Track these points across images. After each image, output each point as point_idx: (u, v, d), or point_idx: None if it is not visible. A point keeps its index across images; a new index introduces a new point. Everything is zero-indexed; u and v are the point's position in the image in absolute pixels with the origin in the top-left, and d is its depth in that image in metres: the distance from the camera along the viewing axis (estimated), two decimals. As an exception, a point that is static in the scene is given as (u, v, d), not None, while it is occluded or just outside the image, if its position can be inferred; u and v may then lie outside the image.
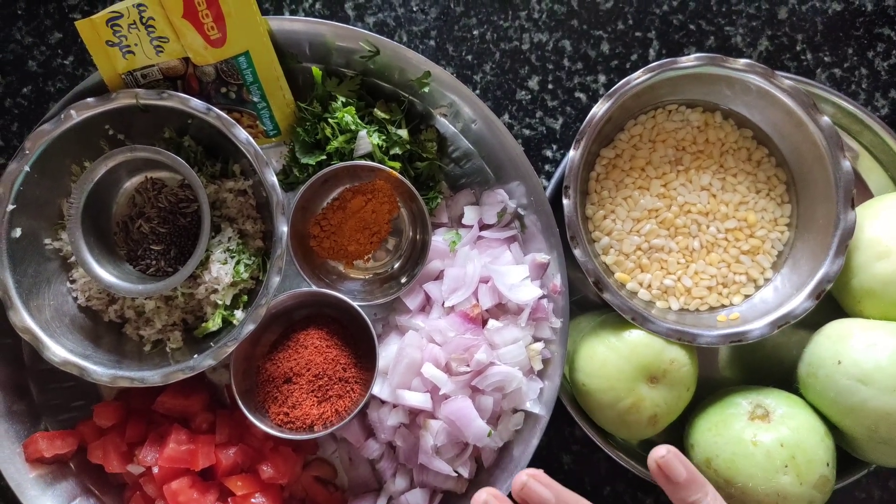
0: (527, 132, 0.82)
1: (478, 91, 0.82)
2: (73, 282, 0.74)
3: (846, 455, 0.71)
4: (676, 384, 0.69)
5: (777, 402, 0.68)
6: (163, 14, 0.68)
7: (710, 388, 0.76)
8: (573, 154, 0.70)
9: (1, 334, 0.73)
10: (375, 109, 0.74)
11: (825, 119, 0.69)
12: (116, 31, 0.69)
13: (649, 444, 0.78)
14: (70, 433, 0.73)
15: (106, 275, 0.70)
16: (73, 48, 0.81)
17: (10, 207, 0.69)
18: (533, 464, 0.71)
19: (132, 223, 0.74)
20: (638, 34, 0.81)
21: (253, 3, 0.69)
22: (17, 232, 0.69)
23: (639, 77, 0.70)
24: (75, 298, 0.74)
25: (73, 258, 0.73)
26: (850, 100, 0.76)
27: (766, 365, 0.78)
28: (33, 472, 0.71)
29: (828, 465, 0.65)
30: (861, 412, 0.64)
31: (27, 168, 0.69)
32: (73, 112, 0.70)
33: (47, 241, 0.73)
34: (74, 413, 0.76)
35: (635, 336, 0.69)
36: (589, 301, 0.79)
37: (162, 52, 0.70)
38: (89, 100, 0.70)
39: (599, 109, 0.70)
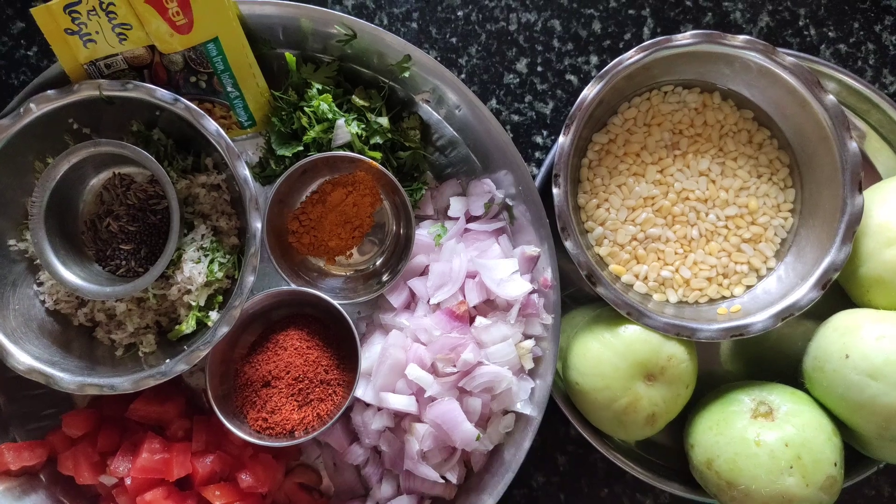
0: (515, 118, 0.78)
1: (463, 75, 0.77)
2: (40, 284, 0.70)
3: (854, 452, 0.68)
4: (675, 382, 0.66)
5: (781, 398, 0.65)
6: (124, -1, 0.64)
7: (711, 384, 0.72)
8: (563, 140, 0.66)
9: (-36, 341, 0.69)
10: (354, 97, 0.70)
11: (830, 98, 0.65)
12: (75, 19, 0.65)
13: (648, 444, 0.75)
14: (39, 444, 0.70)
15: (72, 277, 0.66)
16: (37, 38, 0.78)
17: (-31, 207, 0.65)
18: (526, 464, 0.68)
19: (100, 222, 0.71)
20: (631, 12, 0.77)
21: (219, -15, 0.65)
22: (-22, 233, 0.66)
23: (632, 56, 0.66)
24: (43, 302, 0.70)
25: (38, 260, 0.70)
26: (856, 77, 0.72)
27: (770, 358, 0.74)
28: (1, 486, 0.68)
29: (835, 464, 0.61)
30: (871, 409, 0.60)
31: (-15, 165, 0.65)
32: (32, 105, 0.66)
33: (12, 242, 0.69)
34: (46, 422, 0.73)
35: (631, 332, 0.66)
36: (583, 294, 0.75)
37: (125, 39, 0.66)
38: (49, 92, 0.66)
39: (590, 92, 0.66)
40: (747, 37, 0.66)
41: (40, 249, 0.66)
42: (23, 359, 0.65)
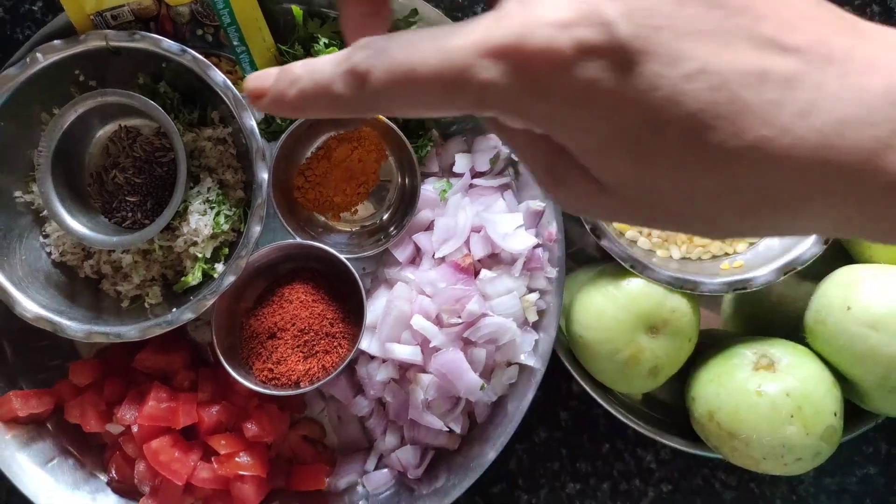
0: (520, 76, 0.78)
1: (469, 33, 0.77)
2: (46, 236, 0.71)
3: (853, 408, 0.68)
4: (678, 334, 0.66)
5: (783, 351, 0.66)
6: (131, -53, 0.64)
7: (713, 342, 0.73)
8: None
9: (-29, 290, 0.70)
10: (359, 51, 0.71)
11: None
12: (82, -33, 0.65)
13: (649, 399, 0.75)
14: (46, 392, 0.70)
15: (79, 226, 0.67)
16: (42, -8, 0.77)
17: (-24, 157, 0.65)
18: (528, 419, 0.69)
19: (106, 174, 0.71)
20: None
21: (227, -66, 0.65)
22: (-15, 184, 0.66)
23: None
24: (49, 254, 0.71)
25: (45, 211, 0.70)
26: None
27: (772, 317, 0.75)
28: (9, 433, 0.69)
29: (835, 414, 0.62)
30: (871, 359, 0.61)
31: (-8, 116, 0.66)
32: (39, 55, 0.66)
33: (17, 193, 0.70)
34: (51, 373, 0.73)
35: (634, 285, 0.66)
36: (586, 254, 0.76)
37: (132, -11, 0.66)
38: (56, 42, 0.66)
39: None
40: None
41: (47, 199, 0.66)
42: (30, 307, 0.65)
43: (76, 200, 0.69)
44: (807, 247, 0.66)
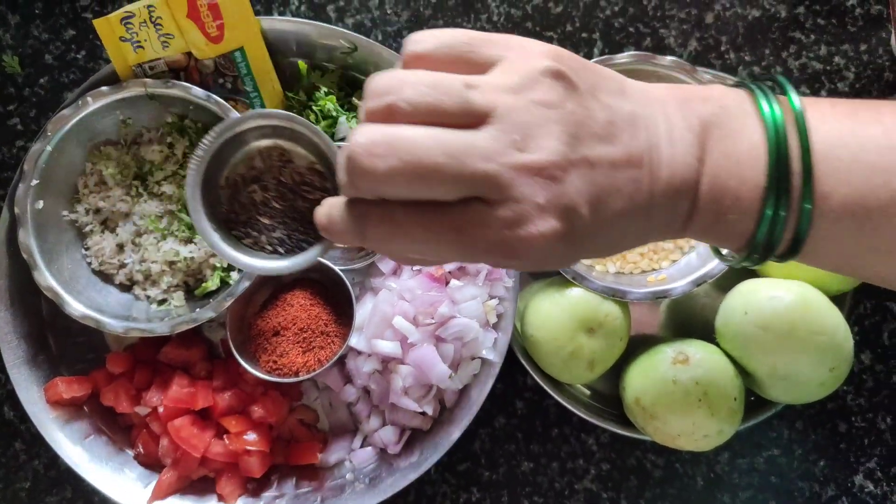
0: (487, 120, 0.93)
1: (444, 84, 0.93)
2: (87, 249, 0.84)
3: (758, 398, 0.83)
4: (611, 334, 0.81)
5: (696, 349, 0.80)
6: (170, 14, 0.79)
7: (645, 342, 0.87)
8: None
9: (25, 293, 0.83)
10: (354, 98, 0.85)
11: (738, 108, 0.81)
12: (129, 28, 0.79)
13: (592, 391, 0.89)
14: (85, 379, 0.83)
15: (239, 255, 0.62)
16: (85, 43, 0.91)
17: (34, 182, 0.79)
18: (490, 408, 0.83)
19: (245, 184, 0.65)
20: (584, 35, 0.93)
21: (248, 6, 0.80)
22: (40, 204, 0.79)
23: (580, 72, 0.82)
24: (89, 263, 0.84)
25: (87, 228, 0.83)
26: (763, 93, 0.88)
27: (696, 322, 0.89)
28: (53, 413, 0.81)
29: (735, 399, 0.76)
30: (763, 353, 0.76)
31: (49, 148, 0.79)
32: (89, 99, 0.80)
33: (65, 213, 0.83)
34: (87, 364, 0.86)
35: (575, 293, 0.81)
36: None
37: (168, 47, 0.81)
38: (103, 88, 0.80)
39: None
40: (673, 58, 0.82)
41: (200, 227, 0.61)
42: (77, 307, 0.78)
43: (216, 226, 0.63)
44: (716, 263, 0.81)
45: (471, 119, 0.35)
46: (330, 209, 0.41)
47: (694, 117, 0.40)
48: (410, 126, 0.35)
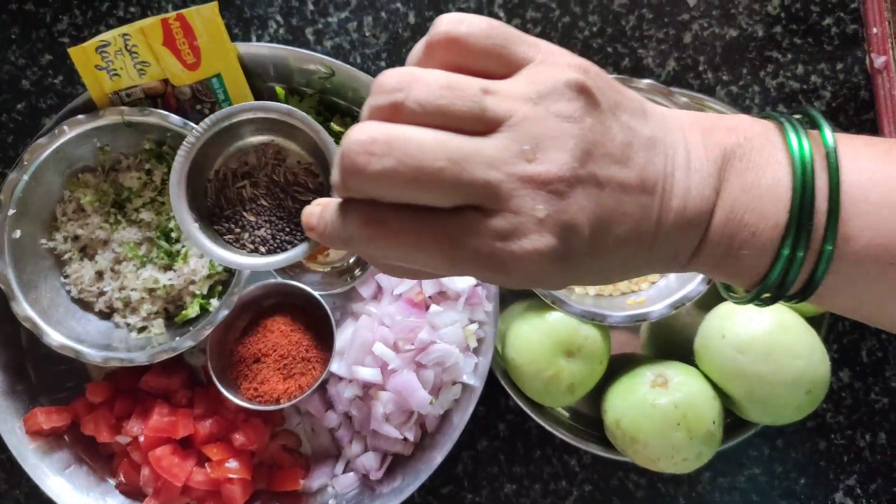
0: (467, 142, 0.93)
1: (424, 106, 0.93)
2: (66, 277, 0.84)
3: (737, 419, 0.83)
4: (590, 358, 0.81)
5: (675, 371, 0.80)
6: (145, 42, 0.79)
7: (626, 362, 0.87)
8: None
9: (3, 322, 0.83)
10: (332, 123, 0.85)
11: (715, 131, 0.81)
12: (104, 57, 0.79)
13: (573, 413, 0.90)
14: (65, 409, 0.83)
15: (220, 250, 0.62)
16: (62, 69, 0.91)
17: (11, 212, 0.78)
18: (472, 430, 0.83)
19: (234, 179, 0.65)
20: (563, 56, 0.93)
21: (224, 33, 0.80)
22: (17, 233, 0.79)
23: (558, 96, 0.82)
24: (68, 291, 0.84)
25: (66, 255, 0.83)
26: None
27: (675, 343, 0.90)
28: (33, 444, 0.81)
29: (714, 422, 0.77)
30: (740, 377, 0.76)
31: (26, 177, 0.79)
32: (66, 128, 0.80)
33: (42, 241, 0.83)
34: (66, 392, 0.86)
35: (555, 317, 0.81)
36: (519, 289, 0.91)
37: (144, 74, 0.81)
38: (80, 116, 0.80)
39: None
40: (650, 80, 0.82)
41: (183, 221, 0.61)
42: (56, 337, 0.78)
43: (200, 223, 0.63)
44: (694, 285, 0.82)
45: (482, 126, 0.33)
46: (318, 208, 0.40)
47: (716, 147, 0.39)
48: (415, 127, 0.33)
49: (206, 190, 0.64)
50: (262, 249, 0.64)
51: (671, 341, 0.90)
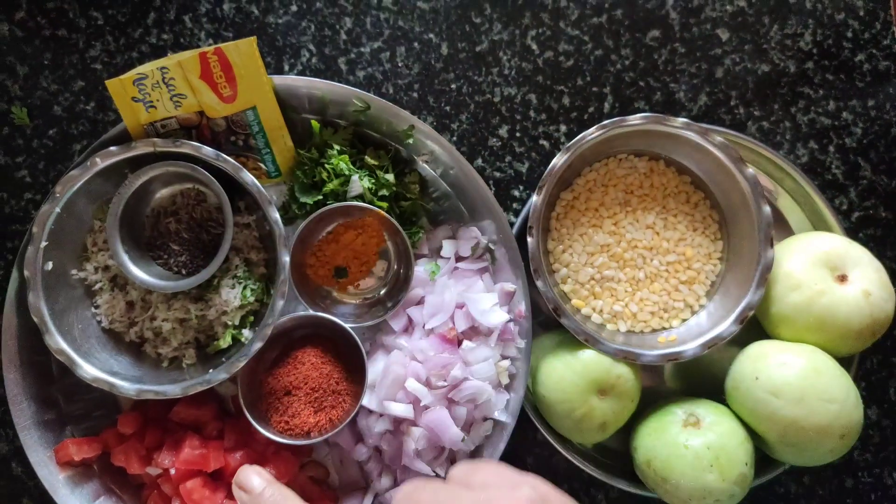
0: (497, 174, 0.93)
1: (455, 137, 0.93)
2: (97, 307, 0.84)
3: (766, 457, 0.83)
4: (623, 396, 0.81)
5: (707, 411, 0.81)
6: (182, 75, 0.79)
7: (655, 398, 0.87)
8: (536, 199, 0.82)
9: (33, 353, 0.83)
10: (366, 157, 0.85)
11: (749, 170, 0.82)
12: (141, 90, 0.79)
13: (601, 447, 0.90)
14: (95, 439, 0.83)
15: (138, 271, 0.80)
16: (94, 95, 0.91)
17: (44, 244, 0.78)
18: (499, 460, 0.83)
19: (164, 216, 0.84)
20: (595, 89, 0.93)
21: (261, 67, 0.80)
22: (49, 265, 0.79)
23: (593, 133, 0.82)
24: (99, 322, 0.84)
25: (97, 286, 0.83)
26: (773, 150, 0.88)
27: (703, 377, 0.90)
28: (63, 474, 0.81)
29: (746, 464, 0.77)
30: (773, 420, 0.76)
31: (58, 209, 0.79)
32: (98, 160, 0.79)
33: (73, 271, 0.82)
34: (95, 422, 0.86)
35: (588, 355, 0.81)
36: (550, 320, 0.91)
37: (180, 106, 0.81)
38: (112, 148, 0.79)
39: (559, 161, 0.82)
40: (685, 119, 0.82)
41: (115, 251, 0.79)
42: (89, 370, 0.78)
43: (135, 251, 0.82)
44: (727, 325, 0.82)
45: None
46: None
47: None
48: None
49: (143, 224, 0.83)
50: (184, 272, 0.82)
51: (699, 375, 0.91)
